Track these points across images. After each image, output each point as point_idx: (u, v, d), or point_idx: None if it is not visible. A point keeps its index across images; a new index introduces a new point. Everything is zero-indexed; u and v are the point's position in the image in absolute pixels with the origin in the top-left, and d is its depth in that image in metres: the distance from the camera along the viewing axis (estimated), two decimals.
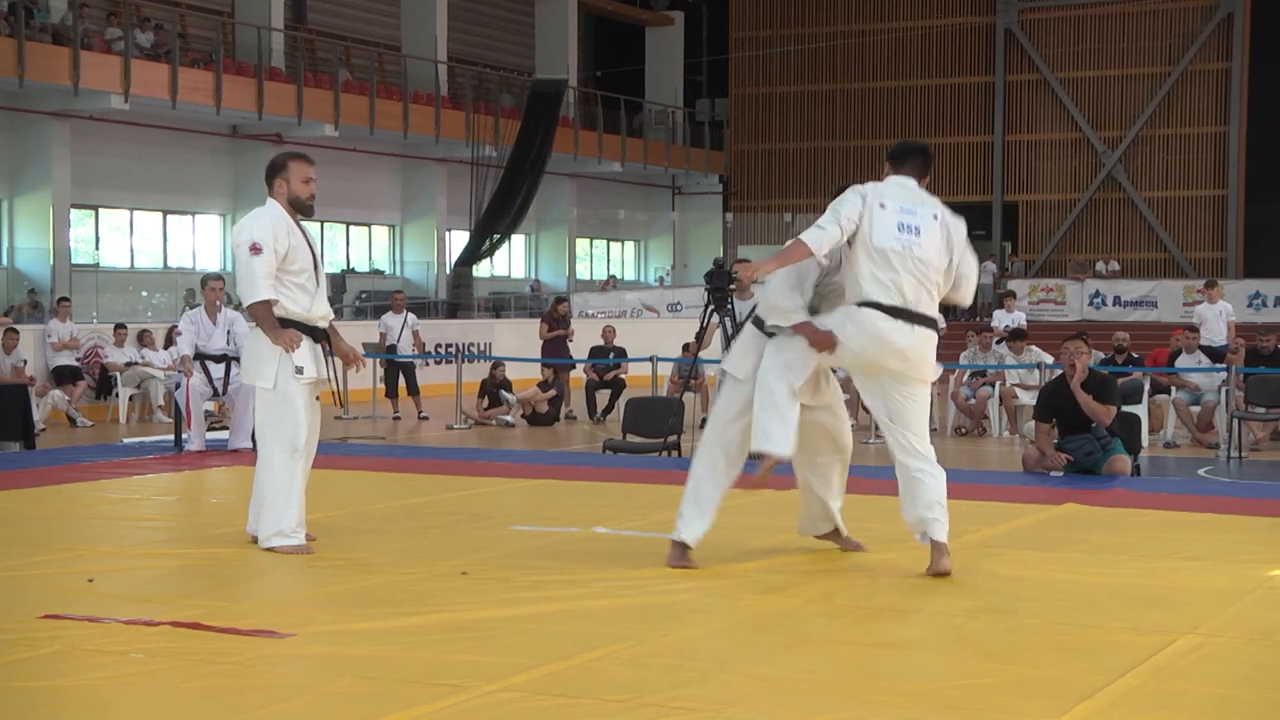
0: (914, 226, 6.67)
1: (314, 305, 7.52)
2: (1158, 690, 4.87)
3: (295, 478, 7.41)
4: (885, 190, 6.78)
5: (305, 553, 7.34)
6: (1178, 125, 36.28)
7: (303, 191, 7.56)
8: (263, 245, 7.35)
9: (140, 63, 24.33)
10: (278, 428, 7.45)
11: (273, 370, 7.41)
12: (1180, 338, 17.85)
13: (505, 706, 4.66)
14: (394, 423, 19.50)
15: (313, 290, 7.53)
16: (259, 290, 7.35)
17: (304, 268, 7.49)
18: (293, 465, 7.40)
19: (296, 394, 7.42)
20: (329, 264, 31.07)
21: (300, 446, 7.44)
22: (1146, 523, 8.58)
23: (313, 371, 7.47)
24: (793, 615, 6.02)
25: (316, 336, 7.56)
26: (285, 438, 7.43)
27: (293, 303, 7.44)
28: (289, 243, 7.42)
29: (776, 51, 39.40)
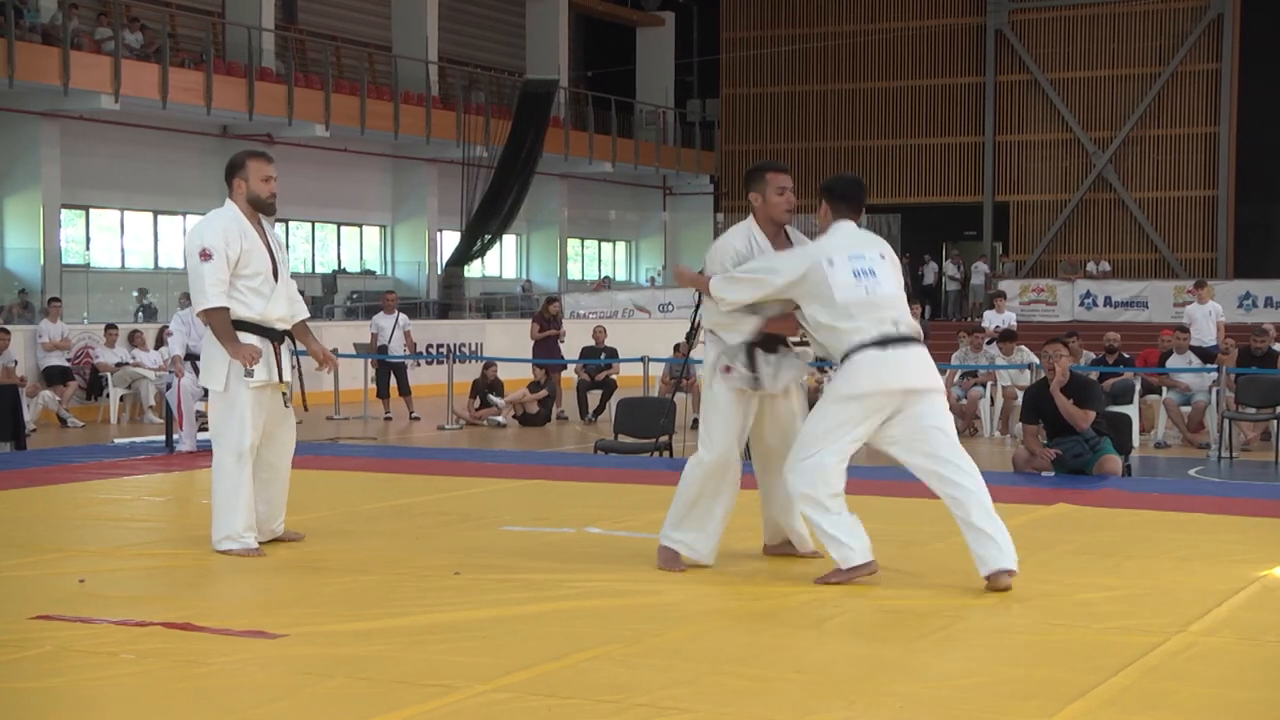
0: (868, 270, 6.65)
1: (269, 308, 7.44)
2: (1149, 690, 4.88)
3: (242, 482, 7.36)
4: (831, 244, 6.72)
5: (256, 555, 7.31)
6: (1168, 126, 36.34)
7: (262, 190, 7.51)
8: (213, 251, 7.29)
9: (130, 63, 24.29)
10: (225, 431, 7.42)
11: (223, 373, 7.38)
12: (1169, 338, 17.88)
13: (497, 707, 4.66)
14: (385, 423, 19.49)
15: (268, 293, 7.44)
16: (209, 298, 7.30)
17: (259, 270, 7.42)
18: (240, 469, 7.36)
19: (245, 398, 7.36)
20: (320, 265, 31.09)
21: (246, 451, 7.37)
22: (1137, 523, 8.60)
23: (263, 375, 7.38)
24: (784, 616, 6.02)
25: (273, 338, 7.48)
26: (232, 442, 7.39)
27: (245, 307, 7.38)
28: (242, 246, 7.36)
29: (767, 52, 39.41)
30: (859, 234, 6.85)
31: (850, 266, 6.62)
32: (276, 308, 7.49)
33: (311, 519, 8.68)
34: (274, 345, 7.47)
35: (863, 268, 6.64)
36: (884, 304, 6.63)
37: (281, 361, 7.49)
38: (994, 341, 19.46)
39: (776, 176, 7.04)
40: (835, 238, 6.77)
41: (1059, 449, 10.92)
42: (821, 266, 6.60)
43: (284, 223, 29.65)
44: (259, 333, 7.42)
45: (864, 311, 6.58)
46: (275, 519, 7.67)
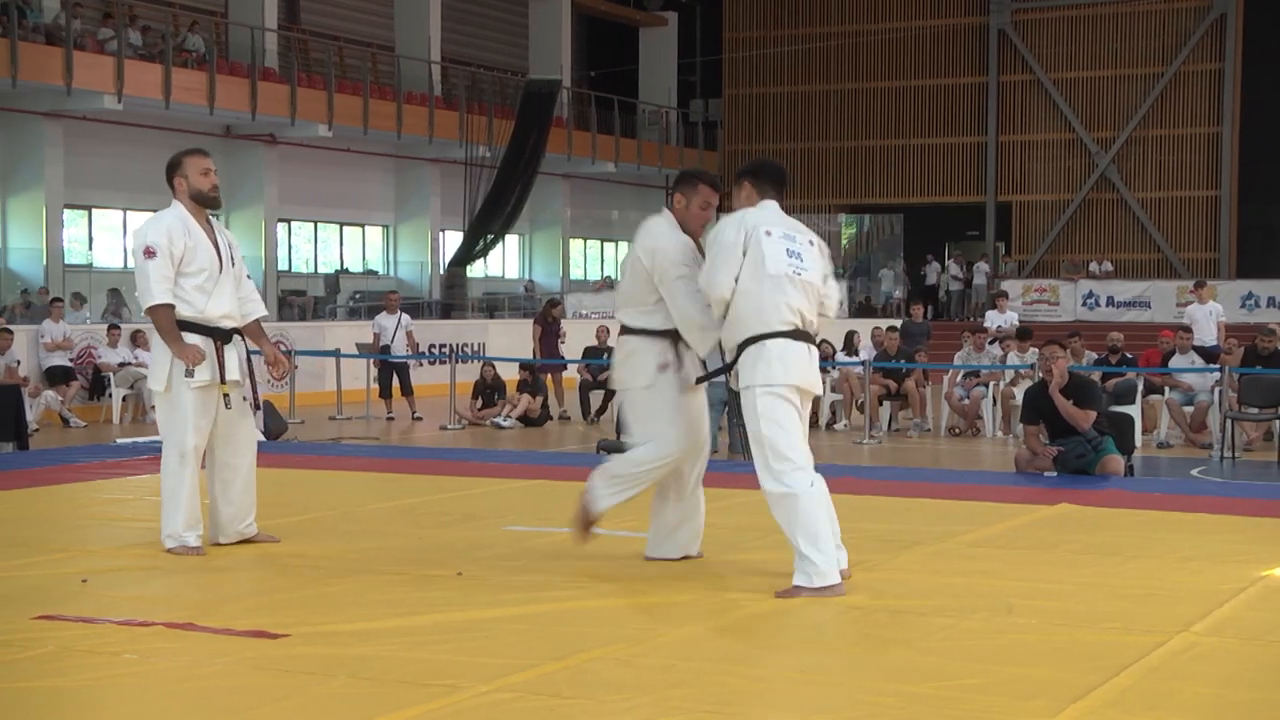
0: (798, 252, 6.65)
1: (210, 305, 7.42)
2: (1151, 690, 4.88)
3: (183, 481, 7.37)
4: (765, 217, 6.70)
5: (196, 554, 7.32)
6: (1171, 126, 36.32)
7: (203, 184, 7.53)
8: (156, 249, 7.31)
9: (133, 63, 24.31)
10: (168, 431, 7.45)
11: (164, 373, 7.38)
12: (1169, 339, 17.87)
13: (500, 707, 4.66)
14: (387, 423, 19.49)
15: (210, 290, 7.43)
16: (154, 295, 7.31)
17: (203, 268, 7.41)
18: (181, 469, 7.37)
19: (187, 398, 7.36)
20: (323, 265, 31.09)
21: (189, 450, 7.37)
22: (1140, 523, 8.60)
23: (205, 376, 7.37)
24: (786, 616, 6.02)
25: (216, 337, 7.45)
26: (174, 441, 7.41)
27: (186, 305, 7.37)
28: (186, 244, 7.37)
29: (770, 52, 39.41)
30: (787, 217, 6.85)
31: (784, 244, 6.63)
32: (220, 305, 7.47)
33: (314, 519, 8.70)
34: (217, 345, 7.44)
35: (793, 249, 6.65)
36: (806, 290, 6.62)
37: (225, 361, 7.46)
38: (996, 341, 19.46)
39: (709, 192, 7.04)
40: (766, 213, 6.75)
41: (1061, 448, 10.92)
42: (759, 235, 6.60)
43: (286, 223, 29.70)
44: (202, 331, 7.40)
45: (788, 290, 6.55)
46: (242, 520, 7.65)
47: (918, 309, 22.98)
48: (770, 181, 6.89)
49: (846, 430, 18.18)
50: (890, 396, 18.10)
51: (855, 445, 16.58)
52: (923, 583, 6.68)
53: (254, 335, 7.77)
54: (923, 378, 18.31)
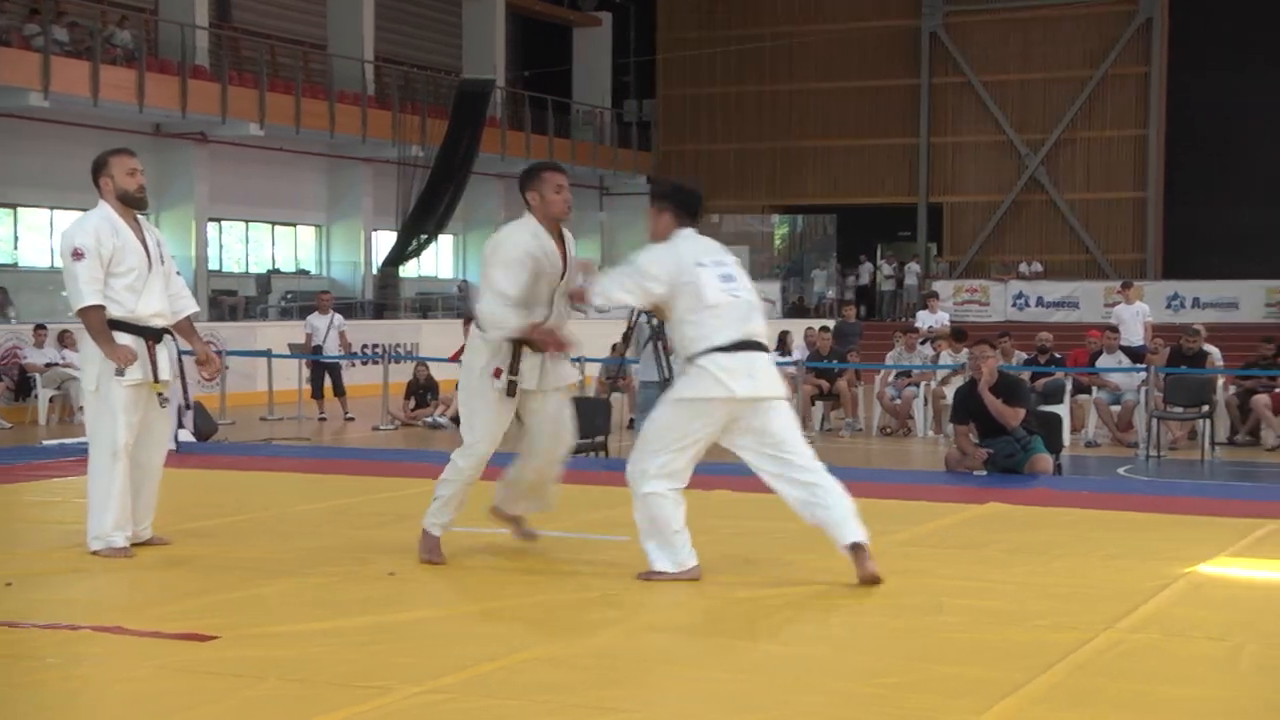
0: (730, 275, 6.82)
1: (140, 304, 7.39)
2: (1078, 687, 4.94)
3: (113, 481, 7.33)
4: (697, 248, 6.82)
5: (125, 556, 7.28)
6: (1099, 128, 36.72)
7: (129, 184, 7.50)
8: (85, 250, 7.28)
9: (60, 59, 24.00)
10: (98, 430, 7.40)
11: (94, 372, 7.36)
12: (1097, 339, 18.07)
13: (432, 708, 4.65)
14: (320, 424, 19.39)
15: (140, 289, 7.40)
16: (84, 296, 7.27)
17: (132, 267, 7.39)
18: (111, 468, 7.32)
19: (117, 397, 7.32)
20: (255, 264, 30.85)
21: (120, 449, 7.33)
22: (1067, 521, 8.70)
23: (137, 374, 7.34)
24: (718, 616, 6.04)
25: (147, 336, 7.43)
26: (104, 441, 7.36)
27: (116, 305, 7.34)
28: (114, 244, 7.34)
29: (704, 53, 39.48)
30: (710, 242, 6.97)
31: (716, 271, 6.76)
32: (150, 304, 7.44)
33: (246, 520, 8.64)
34: (148, 344, 7.41)
35: (725, 273, 6.80)
36: (745, 310, 6.76)
37: (157, 360, 7.43)
38: (928, 341, 19.62)
39: (554, 175, 7.18)
40: (693, 243, 6.86)
41: (991, 449, 11.03)
42: (693, 269, 6.71)
43: (217, 222, 29.43)
44: (133, 331, 7.37)
45: (728, 314, 6.69)
46: (142, 521, 7.60)
47: (850, 309, 23.15)
48: (691, 210, 6.99)
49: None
50: (823, 396, 18.20)
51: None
52: (853, 581, 6.71)
53: (185, 333, 7.74)
54: (855, 378, 18.42)
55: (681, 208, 6.95)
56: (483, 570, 6.95)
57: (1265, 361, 16.81)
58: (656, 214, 6.96)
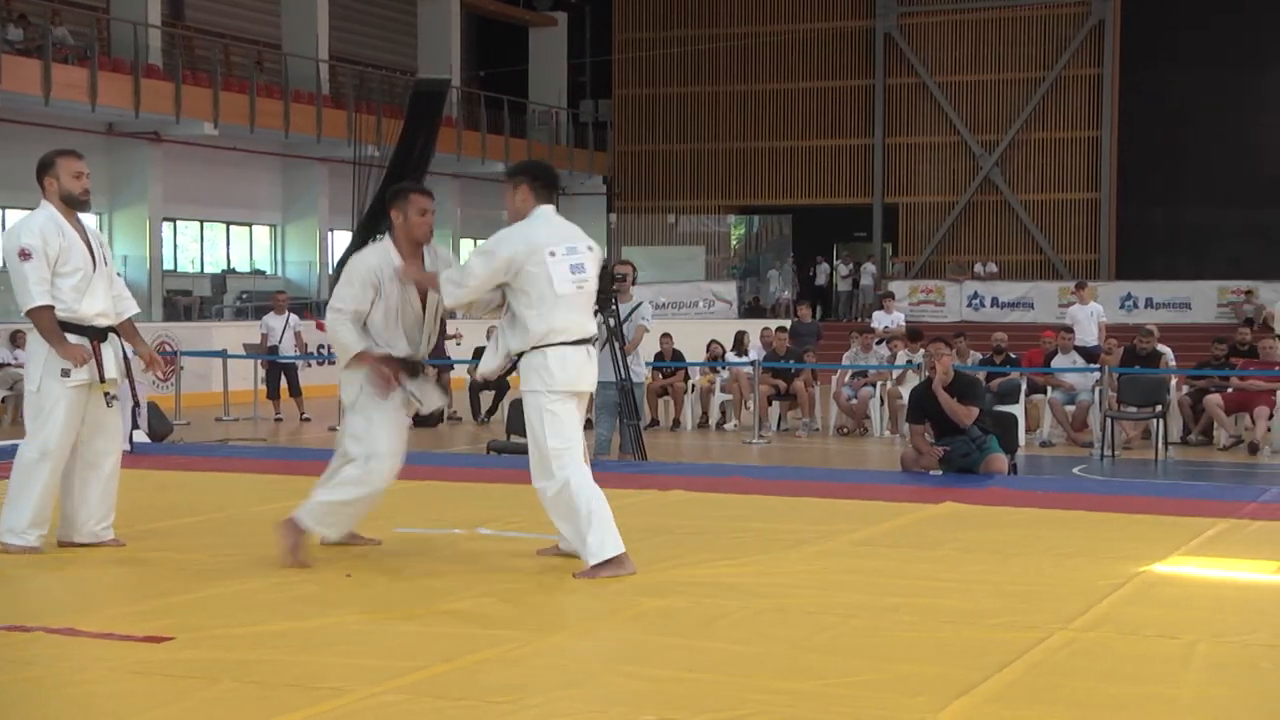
0: (581, 265, 6.87)
1: (85, 304, 7.39)
2: (1033, 685, 4.97)
3: (38, 479, 7.32)
4: (551, 235, 6.85)
5: (32, 553, 7.28)
6: (1052, 129, 36.97)
7: (74, 186, 7.49)
8: (32, 250, 7.27)
9: (11, 58, 23.79)
10: (36, 428, 7.40)
11: (38, 372, 7.36)
12: (1051, 339, 18.19)
13: (387, 709, 4.64)
14: (276, 424, 19.30)
15: (85, 289, 7.40)
16: (33, 297, 7.28)
17: (78, 268, 7.39)
18: (38, 467, 7.33)
19: (59, 397, 7.32)
20: (210, 264, 30.68)
21: (52, 449, 7.33)
22: (1022, 520, 8.75)
23: (82, 375, 7.34)
24: (673, 616, 6.04)
25: (91, 335, 7.43)
26: (38, 438, 7.36)
27: (61, 305, 7.34)
28: (60, 244, 7.34)
29: (659, 53, 39.53)
30: (566, 224, 7.02)
31: (568, 260, 6.82)
32: (94, 304, 7.44)
33: (201, 521, 8.59)
34: (94, 344, 7.42)
35: (576, 262, 6.85)
36: (588, 303, 6.92)
37: (103, 360, 7.43)
38: (884, 341, 19.69)
39: (420, 198, 7.25)
40: (549, 227, 6.91)
41: (947, 448, 11.08)
42: (544, 256, 6.77)
43: (172, 222, 29.25)
44: (79, 331, 7.37)
45: (574, 307, 6.83)
46: (100, 521, 7.58)
47: (805, 309, 23.19)
48: (548, 185, 7.03)
49: (736, 430, 18.30)
50: (779, 396, 18.24)
51: (744, 445, 16.70)
52: (809, 580, 6.74)
53: (127, 334, 7.74)
54: (811, 378, 18.47)
55: (539, 182, 7.01)
56: (438, 573, 6.93)
57: (1217, 362, 16.96)
58: (514, 189, 6.99)
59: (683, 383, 18.99)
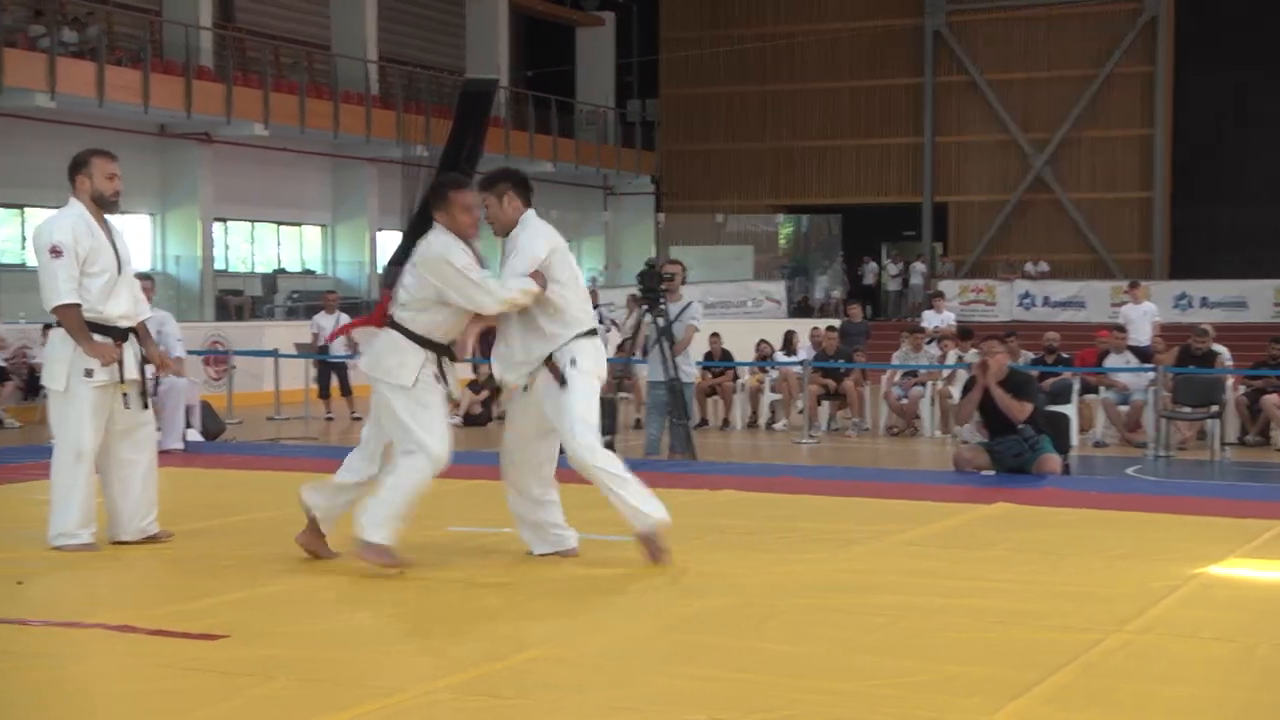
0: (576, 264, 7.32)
1: (109, 305, 7.45)
2: (1088, 688, 4.93)
3: (78, 480, 7.38)
4: (555, 235, 7.17)
5: (89, 550, 7.34)
6: (1104, 128, 36.68)
7: (106, 187, 7.52)
8: (63, 248, 7.31)
9: (66, 60, 24.03)
10: (63, 430, 7.45)
11: (63, 372, 7.39)
12: (1106, 339, 18.05)
13: (438, 708, 4.65)
14: (326, 423, 19.38)
15: (110, 290, 7.46)
16: (61, 294, 7.32)
17: (104, 268, 7.44)
18: (76, 468, 7.38)
19: (85, 397, 7.37)
20: (260, 264, 30.87)
21: (85, 449, 7.39)
22: (1076, 521, 8.68)
23: (104, 375, 7.39)
24: (723, 616, 6.03)
25: (114, 336, 7.48)
26: (69, 441, 7.41)
27: (87, 305, 7.39)
28: (90, 244, 7.39)
29: (707, 52, 39.48)
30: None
31: (570, 257, 7.21)
32: (118, 305, 7.50)
33: (253, 519, 8.64)
34: (116, 344, 7.48)
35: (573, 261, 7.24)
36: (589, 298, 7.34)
37: (125, 361, 7.49)
38: (934, 341, 19.60)
39: (460, 196, 7.35)
40: (549, 229, 7.19)
41: (1000, 448, 11.00)
42: (563, 248, 7.10)
43: (223, 222, 29.45)
44: (102, 331, 7.42)
45: (586, 301, 7.22)
46: (144, 517, 7.64)
47: (855, 309, 23.09)
48: (529, 190, 7.31)
49: (785, 430, 18.26)
50: (829, 396, 18.19)
51: (794, 445, 16.66)
52: (859, 581, 6.71)
53: (141, 336, 7.79)
54: (861, 377, 18.41)
55: (522, 187, 7.20)
56: (490, 571, 6.94)
57: (1274, 361, 16.78)
58: (499, 198, 7.14)
59: (732, 382, 18.96)
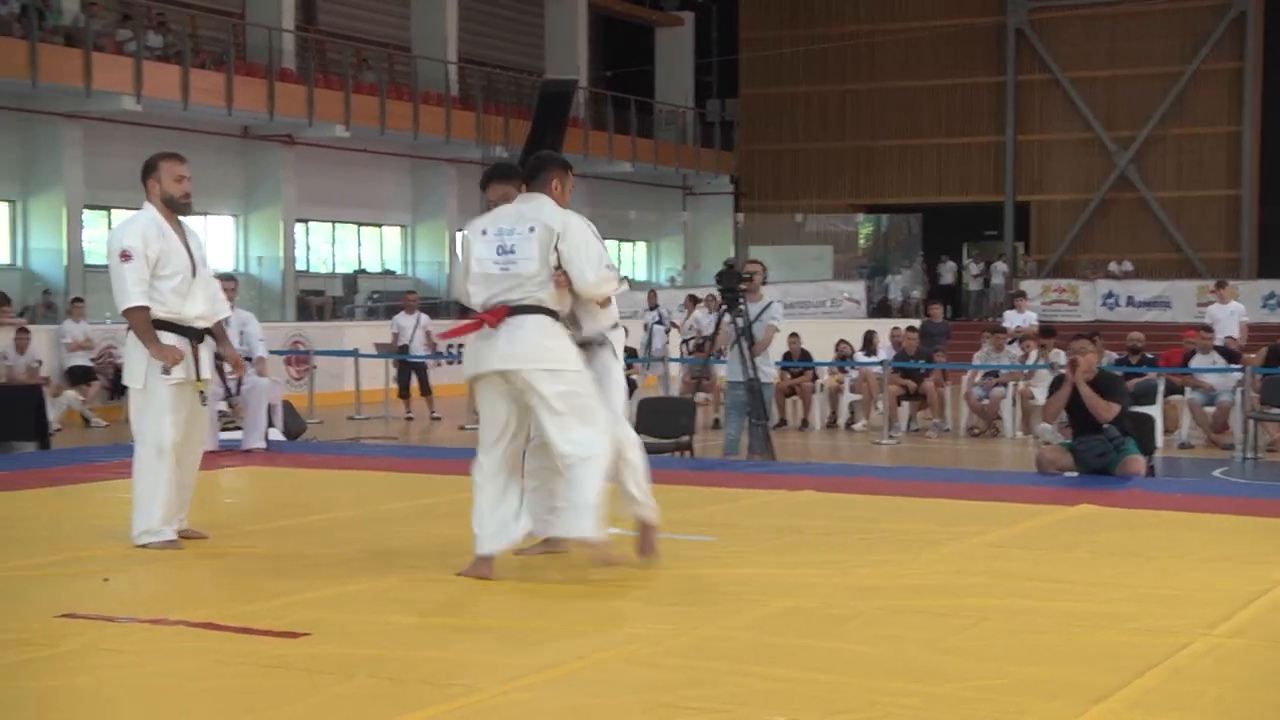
0: None
1: (185, 306, 7.57)
2: (1174, 692, 4.85)
3: (161, 476, 7.49)
4: None
5: (173, 548, 7.44)
6: (1190, 125, 36.18)
7: (175, 190, 7.64)
8: (132, 252, 7.44)
9: (152, 64, 24.37)
10: (144, 427, 7.56)
11: (141, 371, 7.52)
12: (1194, 338, 17.80)
13: (518, 707, 4.65)
14: (406, 423, 19.51)
15: (185, 291, 7.58)
16: (131, 297, 7.46)
17: (177, 270, 7.56)
18: (159, 464, 7.49)
19: (163, 394, 7.49)
20: (341, 265, 31.15)
21: (166, 446, 7.51)
22: (1161, 524, 8.56)
23: (181, 373, 7.51)
24: (805, 615, 6.00)
25: (190, 336, 7.60)
26: (151, 438, 7.53)
27: (161, 306, 7.52)
28: (161, 247, 7.50)
29: (787, 52, 39.37)
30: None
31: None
32: (194, 306, 7.63)
33: (333, 519, 8.71)
34: (192, 344, 7.60)
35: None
36: None
37: (200, 360, 7.62)
38: (1016, 341, 19.41)
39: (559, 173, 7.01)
40: None
41: (1084, 448, 10.87)
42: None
43: (304, 223, 29.74)
44: (177, 331, 7.55)
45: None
46: (181, 510, 7.75)
47: (936, 309, 22.92)
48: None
49: (864, 430, 18.16)
50: (908, 397, 18.07)
51: (873, 445, 16.56)
52: (940, 582, 6.65)
53: (217, 336, 7.92)
54: (942, 378, 18.28)
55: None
56: (568, 570, 6.95)
57: None
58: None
59: (811, 382, 18.88)
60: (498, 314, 6.67)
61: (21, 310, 22.03)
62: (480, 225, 6.88)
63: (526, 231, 6.70)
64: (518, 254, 6.69)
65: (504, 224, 6.79)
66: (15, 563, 7.11)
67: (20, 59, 22.29)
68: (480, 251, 6.77)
